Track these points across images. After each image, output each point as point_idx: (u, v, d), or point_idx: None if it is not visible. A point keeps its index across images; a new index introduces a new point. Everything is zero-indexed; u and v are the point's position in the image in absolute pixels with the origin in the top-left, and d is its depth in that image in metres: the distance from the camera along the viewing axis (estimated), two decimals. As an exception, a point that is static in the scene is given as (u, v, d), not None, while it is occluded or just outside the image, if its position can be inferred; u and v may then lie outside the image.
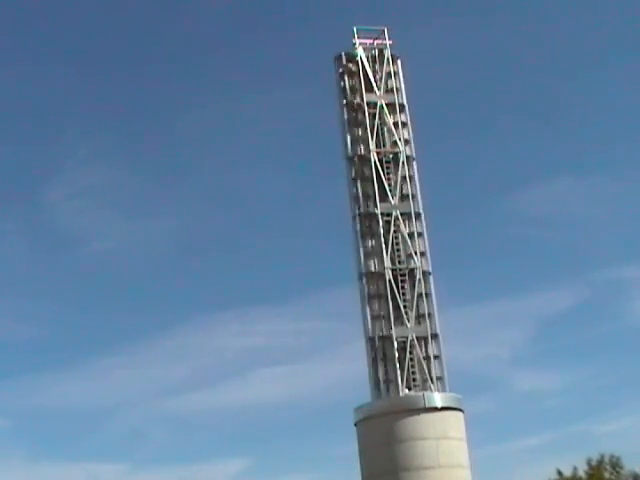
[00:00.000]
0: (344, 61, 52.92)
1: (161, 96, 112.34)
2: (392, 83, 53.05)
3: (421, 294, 49.26)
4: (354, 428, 48.19)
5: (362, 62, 52.59)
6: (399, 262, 49.90)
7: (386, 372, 48.18)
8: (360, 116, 51.99)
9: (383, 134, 52.19)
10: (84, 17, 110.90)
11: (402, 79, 53.29)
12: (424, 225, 50.86)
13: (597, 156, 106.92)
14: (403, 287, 49.26)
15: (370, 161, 50.91)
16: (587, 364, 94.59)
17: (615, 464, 62.64)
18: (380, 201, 50.07)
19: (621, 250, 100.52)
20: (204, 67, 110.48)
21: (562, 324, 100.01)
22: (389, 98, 52.57)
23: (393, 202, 50.49)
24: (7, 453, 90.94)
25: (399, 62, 53.66)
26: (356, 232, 50.26)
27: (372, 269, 49.45)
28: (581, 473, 62.70)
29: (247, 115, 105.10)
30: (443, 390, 47.79)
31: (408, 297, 49.06)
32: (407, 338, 48.28)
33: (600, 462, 62.74)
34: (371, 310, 48.86)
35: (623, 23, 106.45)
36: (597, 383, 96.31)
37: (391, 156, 51.85)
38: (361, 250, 49.71)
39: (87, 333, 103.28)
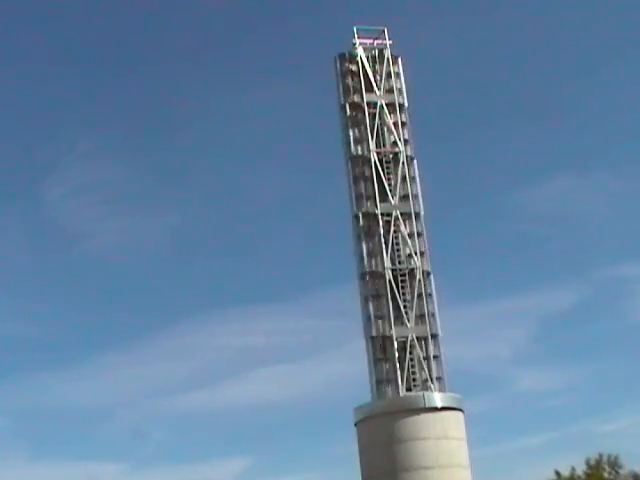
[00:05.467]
0: (345, 61, 52.99)
1: (161, 93, 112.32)
2: (392, 83, 53.14)
3: (421, 294, 49.32)
4: (354, 428, 48.30)
5: (362, 62, 52.66)
6: (399, 262, 49.95)
7: (386, 372, 48.26)
8: (360, 116, 52.04)
9: (383, 134, 52.23)
10: (85, 15, 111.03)
11: (402, 79, 53.41)
12: (424, 225, 50.96)
13: (599, 153, 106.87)
14: (403, 287, 49.31)
15: (370, 161, 50.96)
16: (589, 363, 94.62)
17: (613, 464, 62.58)
18: (380, 201, 50.13)
19: (624, 248, 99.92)
20: (205, 66, 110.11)
21: (564, 322, 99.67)
22: (389, 98, 52.64)
23: (393, 202, 50.55)
24: (7, 453, 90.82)
25: (399, 62, 53.79)
26: (356, 232, 50.34)
27: (372, 269, 49.52)
28: (580, 473, 62.61)
29: (248, 114, 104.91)
30: (443, 390, 47.85)
31: (408, 297, 49.13)
32: (407, 338, 48.36)
33: (598, 462, 62.67)
34: (371, 310, 48.92)
35: (623, 23, 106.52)
36: (599, 382, 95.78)
37: (391, 156, 51.91)
38: (362, 250, 49.76)
39: (87, 332, 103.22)
